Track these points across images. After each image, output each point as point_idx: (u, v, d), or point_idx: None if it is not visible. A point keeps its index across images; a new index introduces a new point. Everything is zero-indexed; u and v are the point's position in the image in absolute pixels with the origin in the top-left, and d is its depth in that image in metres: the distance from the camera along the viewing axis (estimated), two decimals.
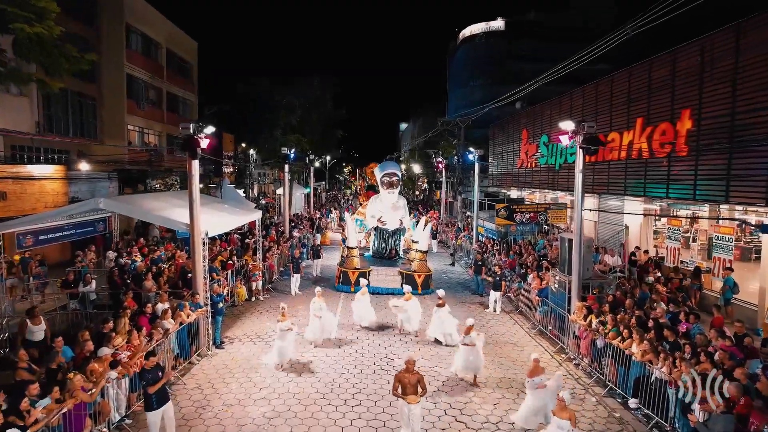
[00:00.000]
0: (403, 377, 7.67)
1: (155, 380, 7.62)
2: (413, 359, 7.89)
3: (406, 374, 7.69)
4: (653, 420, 8.77)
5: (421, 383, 7.75)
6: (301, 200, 39.98)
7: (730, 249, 14.44)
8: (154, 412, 7.53)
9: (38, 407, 6.28)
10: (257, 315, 15.01)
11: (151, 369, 7.73)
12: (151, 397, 7.54)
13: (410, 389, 7.61)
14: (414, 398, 7.56)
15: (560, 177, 24.26)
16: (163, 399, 7.74)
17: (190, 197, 11.56)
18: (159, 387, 7.61)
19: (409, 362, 7.80)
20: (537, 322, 14.16)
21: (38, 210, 16.73)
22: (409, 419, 7.60)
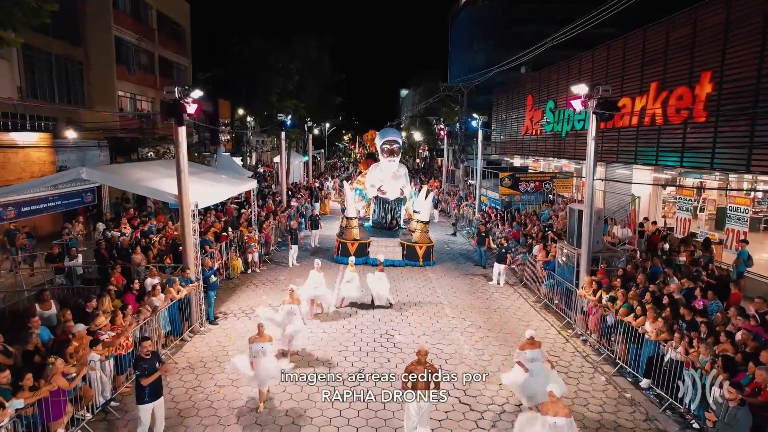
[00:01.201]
0: (414, 369, 6.86)
1: (151, 371, 6.90)
2: (425, 350, 7.03)
3: (418, 366, 6.88)
4: (666, 401, 8.35)
5: None
6: (299, 169, 39.18)
7: (746, 220, 13.80)
8: (145, 406, 6.90)
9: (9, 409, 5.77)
10: (253, 288, 14.53)
11: (147, 358, 6.97)
12: (144, 390, 6.85)
13: (421, 384, 6.81)
14: (425, 393, 6.75)
15: (567, 144, 23.47)
16: (157, 393, 7.06)
17: (178, 166, 10.88)
18: (153, 380, 6.93)
19: (421, 353, 6.96)
20: (543, 295, 13.68)
21: (23, 180, 16.06)
22: (417, 418, 6.81)
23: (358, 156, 66.93)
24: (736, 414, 5.81)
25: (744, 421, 5.82)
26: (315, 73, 37.80)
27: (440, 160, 44.76)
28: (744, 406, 5.87)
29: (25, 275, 13.42)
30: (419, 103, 54.57)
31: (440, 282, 15.44)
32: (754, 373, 6.81)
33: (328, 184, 33.42)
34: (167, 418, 7.76)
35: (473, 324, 11.93)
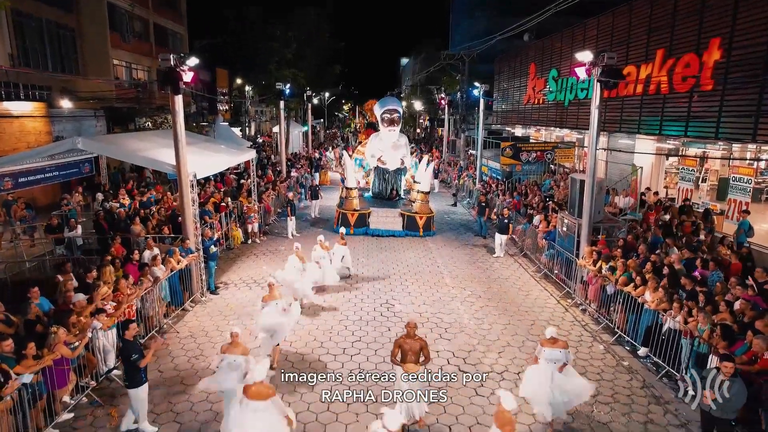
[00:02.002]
0: (404, 343, 6.66)
1: (139, 354, 6.59)
2: (414, 322, 6.88)
3: (407, 340, 6.68)
4: (663, 369, 8.44)
5: (425, 351, 6.72)
6: (298, 139, 38.82)
7: (749, 191, 13.71)
8: (144, 386, 6.67)
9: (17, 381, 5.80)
10: (254, 258, 14.56)
11: (132, 341, 6.74)
12: (140, 370, 6.60)
13: (411, 357, 6.61)
14: (413, 367, 6.54)
15: (569, 114, 23.12)
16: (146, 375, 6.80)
17: (175, 136, 10.72)
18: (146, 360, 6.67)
19: (410, 326, 6.78)
20: (543, 265, 13.71)
21: (19, 150, 15.86)
22: (408, 388, 6.58)
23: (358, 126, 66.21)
24: (731, 387, 5.83)
25: (741, 392, 5.84)
26: (314, 41, 37.01)
27: (441, 130, 44.31)
28: (737, 378, 5.89)
29: (26, 246, 13.42)
30: (420, 72, 53.60)
31: (440, 252, 15.46)
32: (752, 342, 6.85)
33: (328, 154, 33.12)
34: (169, 386, 7.89)
35: (473, 293, 12.00)
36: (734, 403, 5.86)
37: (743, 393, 5.87)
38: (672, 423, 7.23)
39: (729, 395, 5.82)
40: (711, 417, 6.05)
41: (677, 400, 7.79)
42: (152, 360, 7.22)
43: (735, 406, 5.90)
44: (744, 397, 5.90)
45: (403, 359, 6.64)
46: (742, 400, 5.90)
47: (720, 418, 5.94)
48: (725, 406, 5.85)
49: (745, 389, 5.90)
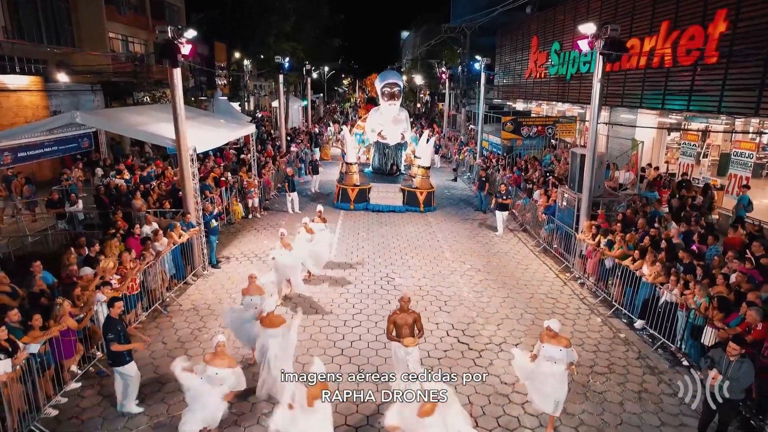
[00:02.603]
0: (397, 318, 6.67)
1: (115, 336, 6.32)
2: (408, 296, 6.87)
3: (400, 314, 6.68)
4: (659, 341, 8.59)
5: (418, 324, 6.75)
6: (298, 113, 38.49)
7: (750, 166, 13.70)
8: (128, 365, 6.52)
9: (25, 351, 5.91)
10: (254, 233, 14.64)
11: (116, 320, 6.48)
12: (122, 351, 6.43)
13: (406, 330, 6.63)
14: (411, 340, 6.56)
15: (571, 88, 22.91)
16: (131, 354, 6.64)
17: (174, 110, 10.64)
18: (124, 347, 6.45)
19: (404, 300, 6.77)
20: (542, 240, 13.80)
21: (17, 125, 15.78)
22: (405, 363, 6.59)
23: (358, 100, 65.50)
24: (740, 368, 5.69)
25: (748, 372, 5.72)
26: (313, 13, 36.36)
27: (441, 105, 43.90)
28: (746, 359, 5.75)
29: (27, 221, 13.48)
30: (420, 46, 52.80)
31: (440, 227, 15.54)
32: (746, 313, 6.96)
33: (329, 129, 32.91)
34: (174, 357, 8.01)
35: (473, 267, 12.11)
36: (741, 383, 5.72)
37: (751, 372, 5.74)
38: (665, 392, 7.39)
39: (737, 375, 5.68)
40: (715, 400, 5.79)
41: (672, 370, 7.96)
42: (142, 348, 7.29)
43: (742, 386, 5.76)
44: (752, 377, 5.79)
45: (398, 334, 6.65)
46: (749, 380, 5.80)
47: (726, 399, 5.74)
48: (732, 387, 5.68)
49: (753, 369, 5.77)
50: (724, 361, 5.78)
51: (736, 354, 5.71)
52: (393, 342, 6.76)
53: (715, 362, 5.84)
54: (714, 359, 5.89)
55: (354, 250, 13.17)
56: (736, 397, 5.76)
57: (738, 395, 5.75)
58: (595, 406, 7.02)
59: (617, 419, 6.75)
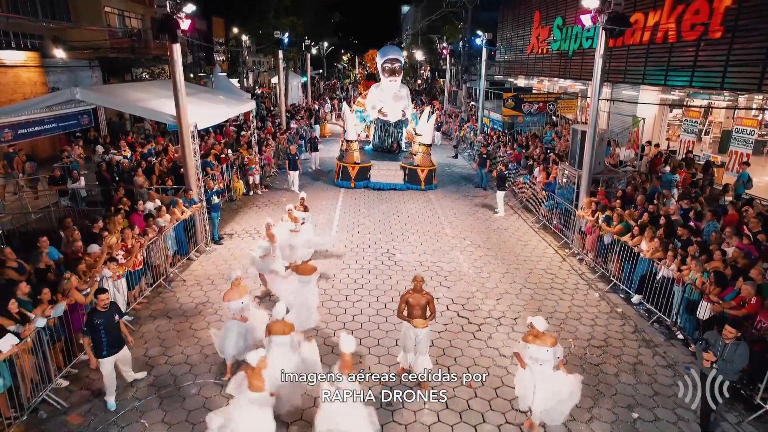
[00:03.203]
0: (410, 297, 6.55)
1: (107, 325, 6.09)
2: (421, 276, 6.67)
3: (414, 294, 6.55)
4: (655, 315, 8.75)
5: (431, 306, 6.59)
6: (297, 89, 38.16)
7: (751, 142, 13.69)
8: (104, 360, 6.16)
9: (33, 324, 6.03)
10: (256, 210, 14.73)
11: (103, 311, 6.14)
12: (101, 342, 6.09)
13: (418, 311, 6.51)
14: (421, 322, 6.45)
15: (573, 64, 22.69)
16: (117, 345, 6.31)
17: (175, 86, 10.58)
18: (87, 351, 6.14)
19: (417, 279, 6.58)
20: (542, 216, 13.88)
21: (16, 101, 15.71)
22: (414, 344, 6.53)
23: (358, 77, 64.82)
24: (735, 350, 5.61)
25: (743, 356, 5.64)
26: None
27: (442, 81, 43.48)
28: (741, 342, 5.68)
29: (29, 198, 13.53)
30: (421, 21, 52.02)
31: (441, 203, 15.61)
32: (741, 287, 7.09)
33: (327, 105, 32.68)
34: (179, 330, 8.20)
35: (473, 243, 12.23)
36: (735, 365, 5.65)
37: (745, 355, 5.66)
38: (660, 364, 7.57)
39: (731, 358, 5.62)
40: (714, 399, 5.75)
41: (666, 343, 8.13)
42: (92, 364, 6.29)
43: (736, 368, 5.70)
44: (746, 359, 5.71)
45: (409, 314, 6.57)
46: (743, 362, 5.71)
47: None
48: (726, 369, 5.63)
49: (748, 351, 5.70)
50: (719, 343, 5.73)
51: (732, 337, 5.65)
52: (404, 321, 6.67)
53: (710, 344, 5.80)
54: (709, 341, 5.85)
55: (354, 227, 13.27)
56: (730, 379, 5.72)
57: (732, 377, 5.72)
58: (591, 377, 7.19)
59: (612, 389, 6.94)
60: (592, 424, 6.25)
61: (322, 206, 15.11)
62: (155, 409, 6.37)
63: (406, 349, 6.70)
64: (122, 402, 6.47)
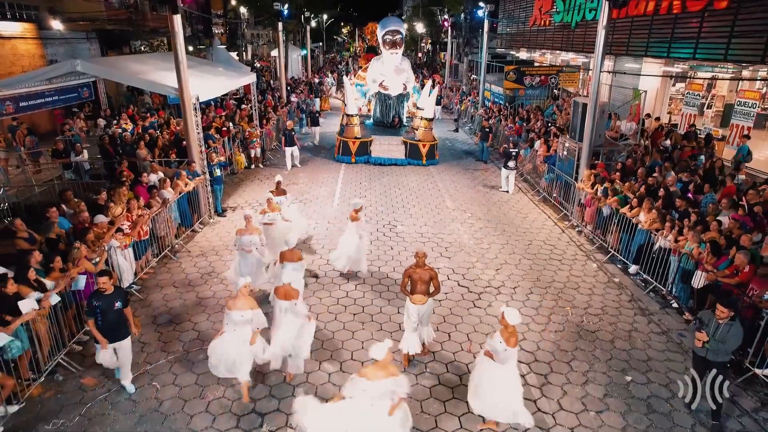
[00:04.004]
0: (413, 272, 6.43)
1: (107, 309, 5.77)
2: (424, 252, 6.55)
3: (417, 270, 6.43)
4: (651, 285, 8.94)
5: (434, 282, 6.46)
6: (297, 63, 37.77)
7: (752, 115, 13.69)
8: (98, 348, 5.95)
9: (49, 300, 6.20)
10: (257, 183, 14.83)
11: (105, 294, 5.82)
12: (96, 326, 5.83)
13: (421, 287, 6.41)
14: (419, 298, 6.39)
15: (576, 36, 22.40)
16: (113, 335, 5.90)
17: (176, 58, 10.55)
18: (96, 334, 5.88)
19: (419, 255, 6.47)
20: (542, 189, 14.00)
21: (14, 74, 15.63)
22: (417, 319, 6.49)
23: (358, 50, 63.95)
24: (729, 330, 5.51)
25: (736, 336, 5.52)
26: None
27: (443, 54, 42.97)
28: (735, 321, 5.58)
29: (31, 172, 13.60)
30: None
31: (441, 177, 15.70)
32: (734, 256, 7.25)
33: (328, 80, 32.38)
34: (185, 300, 8.40)
35: (473, 215, 12.37)
36: (728, 345, 5.53)
37: (739, 336, 5.55)
38: (654, 331, 7.80)
39: (725, 338, 5.52)
40: (705, 360, 5.71)
41: (662, 311, 8.35)
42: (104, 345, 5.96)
43: (729, 349, 5.57)
44: (739, 340, 5.61)
45: (412, 289, 6.48)
46: (737, 343, 5.61)
47: (713, 361, 5.63)
48: (719, 349, 5.52)
49: (742, 332, 5.59)
50: (713, 323, 5.65)
51: (724, 317, 5.56)
52: (407, 299, 6.62)
53: (704, 324, 5.70)
54: (703, 321, 5.76)
55: (356, 199, 13.37)
56: (722, 360, 5.63)
57: (724, 357, 5.61)
58: (587, 343, 7.42)
59: (607, 355, 7.17)
60: (587, 387, 6.48)
61: (323, 179, 15.22)
62: (166, 373, 6.60)
63: (410, 327, 6.57)
64: (134, 366, 6.67)
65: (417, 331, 6.60)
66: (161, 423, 5.74)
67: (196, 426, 5.70)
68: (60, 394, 6.02)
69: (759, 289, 6.74)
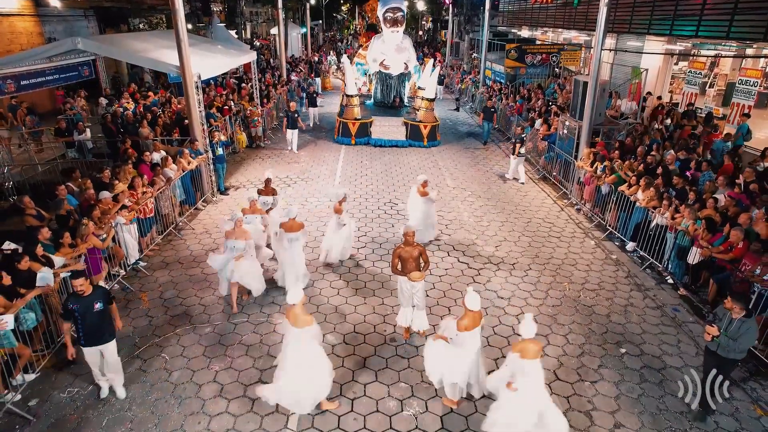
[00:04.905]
0: (402, 251, 6.50)
1: (84, 313, 5.28)
2: (411, 230, 6.62)
3: (406, 248, 6.50)
4: (647, 261, 9.11)
5: (423, 256, 6.59)
6: (297, 41, 37.40)
7: (753, 94, 13.71)
8: (87, 349, 5.54)
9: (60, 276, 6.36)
10: (259, 161, 14.91)
11: (82, 296, 5.30)
12: (78, 332, 5.44)
13: (412, 264, 6.51)
14: (418, 275, 6.44)
15: (578, 14, 22.19)
16: (96, 338, 5.47)
17: (177, 36, 10.52)
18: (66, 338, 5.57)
19: (408, 234, 6.53)
20: (541, 167, 14.08)
21: (13, 52, 15.55)
22: (411, 296, 6.62)
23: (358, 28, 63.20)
24: (740, 327, 5.25)
25: (748, 334, 5.25)
26: None
27: (444, 32, 42.51)
28: (750, 319, 5.28)
29: (34, 151, 13.65)
30: None
31: (442, 155, 15.77)
32: (729, 233, 7.40)
33: (330, 58, 32.09)
34: (191, 275, 8.58)
35: (473, 194, 12.50)
36: (740, 344, 5.24)
37: (752, 334, 5.31)
38: (649, 306, 7.99)
39: (736, 335, 5.24)
40: (716, 356, 5.46)
41: (657, 287, 8.53)
42: None
43: (740, 347, 5.27)
44: (753, 339, 5.44)
45: (403, 267, 6.56)
46: (750, 342, 5.38)
47: (724, 358, 5.38)
48: (729, 346, 5.25)
49: (756, 331, 5.38)
50: (726, 318, 5.38)
51: (737, 314, 5.29)
52: (399, 276, 6.69)
53: (717, 318, 5.47)
54: (717, 315, 5.52)
55: (357, 178, 13.50)
56: (734, 357, 5.37)
57: (736, 355, 5.34)
58: (583, 317, 7.62)
59: (603, 328, 7.37)
60: (582, 358, 6.69)
61: (324, 158, 15.29)
62: (174, 345, 6.81)
63: (404, 303, 6.75)
64: (143, 338, 6.91)
65: (409, 306, 6.74)
66: (171, 392, 5.95)
67: (205, 395, 5.92)
68: (73, 365, 6.22)
69: (751, 264, 6.90)
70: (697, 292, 8.21)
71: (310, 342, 5.37)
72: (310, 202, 11.85)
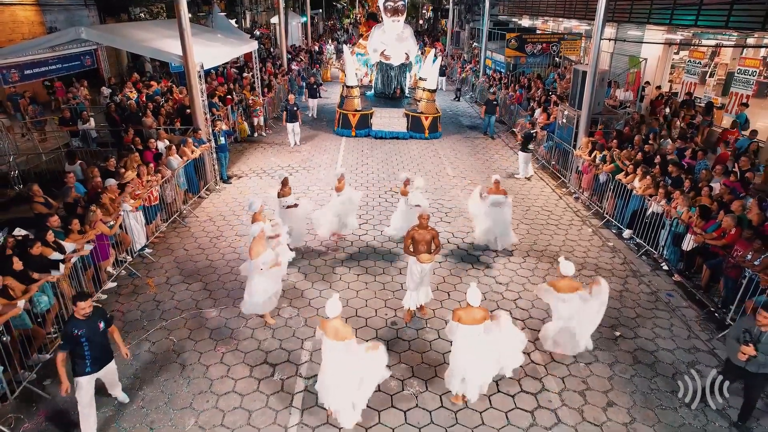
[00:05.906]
0: (416, 233, 6.79)
1: (91, 335, 4.89)
2: (427, 214, 6.97)
3: (419, 230, 6.80)
4: (643, 249, 9.29)
5: (436, 241, 6.86)
6: (297, 30, 37.30)
7: (751, 83, 13.80)
8: (84, 378, 4.98)
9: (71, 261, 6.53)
10: (261, 150, 15.05)
11: (84, 319, 4.87)
12: (84, 357, 4.92)
13: (423, 247, 6.76)
14: (427, 257, 6.71)
15: (578, 3, 22.19)
16: (103, 359, 5.13)
17: (180, 25, 10.61)
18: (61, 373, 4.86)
19: (423, 217, 6.87)
20: (540, 156, 14.21)
21: (14, 42, 15.62)
22: (420, 278, 6.84)
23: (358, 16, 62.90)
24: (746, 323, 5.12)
25: None
26: None
27: (444, 21, 42.37)
28: None
29: (38, 140, 13.79)
30: None
31: (442, 144, 15.90)
32: (722, 220, 7.57)
33: (328, 48, 32.03)
34: (196, 261, 8.76)
35: (473, 182, 12.61)
36: None
37: None
38: (644, 291, 8.18)
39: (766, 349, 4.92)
40: (743, 371, 5.14)
41: (652, 273, 8.72)
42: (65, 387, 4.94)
43: None
44: None
45: (414, 249, 6.81)
46: None
47: (757, 374, 5.07)
48: (764, 362, 4.93)
49: None
50: (756, 332, 5.01)
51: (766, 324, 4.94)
52: (409, 256, 6.93)
53: (752, 336, 5.01)
54: (752, 332, 5.04)
55: (358, 167, 13.64)
56: (765, 372, 5.03)
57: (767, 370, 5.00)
58: None
59: None
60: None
61: (325, 147, 15.43)
62: (181, 329, 7.01)
63: (412, 285, 6.92)
64: (150, 322, 7.11)
65: (417, 290, 6.97)
66: (180, 372, 6.16)
67: (212, 375, 6.13)
68: None
69: (743, 251, 7.08)
70: (691, 278, 8.39)
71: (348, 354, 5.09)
72: (311, 190, 12.00)
